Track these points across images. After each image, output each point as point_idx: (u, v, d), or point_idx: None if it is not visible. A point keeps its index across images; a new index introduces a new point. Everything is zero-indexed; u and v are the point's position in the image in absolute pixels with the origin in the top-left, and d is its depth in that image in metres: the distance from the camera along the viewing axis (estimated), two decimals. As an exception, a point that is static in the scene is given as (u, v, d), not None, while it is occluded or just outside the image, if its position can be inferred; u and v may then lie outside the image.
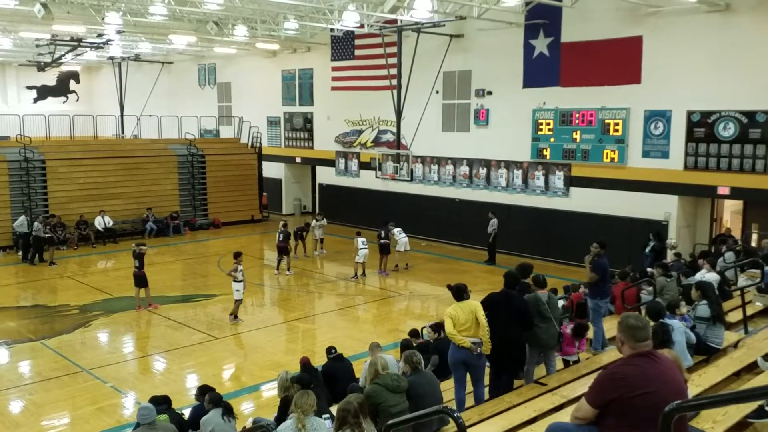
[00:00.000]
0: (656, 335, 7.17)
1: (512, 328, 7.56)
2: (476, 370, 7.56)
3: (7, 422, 10.10)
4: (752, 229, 17.29)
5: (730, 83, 16.30)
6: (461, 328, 7.35)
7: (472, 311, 7.36)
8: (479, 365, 7.51)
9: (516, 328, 7.63)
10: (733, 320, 9.46)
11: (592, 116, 18.98)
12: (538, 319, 7.87)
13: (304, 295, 17.59)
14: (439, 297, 16.99)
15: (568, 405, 6.65)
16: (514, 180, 21.28)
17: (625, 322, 4.19)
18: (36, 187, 23.03)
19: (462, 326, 7.34)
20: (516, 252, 20.76)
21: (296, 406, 6.15)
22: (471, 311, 7.36)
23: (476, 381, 7.64)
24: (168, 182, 26.22)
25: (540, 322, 7.88)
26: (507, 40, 20.57)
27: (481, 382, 7.65)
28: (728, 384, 7.11)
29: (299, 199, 31.03)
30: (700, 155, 17.06)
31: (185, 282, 18.36)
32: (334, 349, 9.54)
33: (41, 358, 12.67)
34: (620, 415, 4.01)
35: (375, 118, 25.69)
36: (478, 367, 7.53)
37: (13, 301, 17.02)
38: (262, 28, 24.04)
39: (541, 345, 8.04)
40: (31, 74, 34.72)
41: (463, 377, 7.57)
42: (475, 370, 7.54)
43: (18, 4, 19.18)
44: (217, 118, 33.15)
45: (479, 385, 7.63)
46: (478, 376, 7.61)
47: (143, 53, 32.58)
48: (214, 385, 9.25)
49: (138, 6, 20.98)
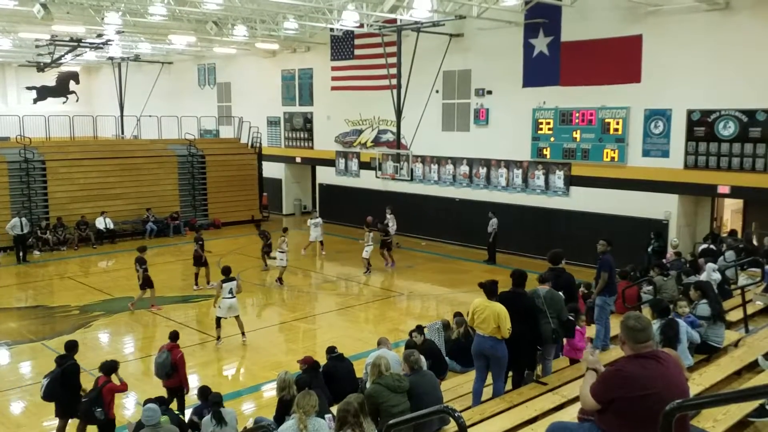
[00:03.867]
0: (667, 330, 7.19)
1: (521, 326, 7.63)
2: (496, 364, 7.63)
3: (8, 423, 10.10)
4: (753, 228, 17.29)
5: (730, 82, 16.29)
6: (479, 322, 7.57)
7: (495, 313, 7.47)
8: (499, 358, 7.57)
9: (523, 325, 7.71)
10: (733, 319, 9.47)
11: (592, 115, 18.98)
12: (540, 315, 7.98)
13: (305, 295, 17.59)
14: (439, 297, 17.00)
15: (569, 404, 6.65)
16: (514, 179, 21.28)
17: (625, 323, 4.19)
18: (36, 187, 23.04)
19: (481, 322, 7.55)
20: (516, 252, 20.78)
21: (298, 407, 6.15)
22: (494, 312, 7.47)
23: (496, 375, 7.72)
24: (168, 183, 26.23)
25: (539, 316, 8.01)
26: (507, 39, 20.57)
27: (500, 377, 7.73)
28: (729, 383, 7.11)
29: (299, 199, 31.03)
30: (701, 154, 17.06)
31: (185, 282, 18.35)
32: (334, 349, 9.55)
33: (42, 358, 12.64)
34: (622, 413, 4.01)
35: (375, 117, 25.69)
36: (498, 360, 7.59)
37: (14, 301, 17.02)
38: (261, 28, 24.03)
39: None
40: (30, 75, 34.70)
41: (482, 368, 7.72)
42: (495, 363, 7.63)
43: (17, 5, 19.19)
44: (216, 119, 33.15)
45: (498, 379, 7.72)
46: (498, 369, 7.69)
47: (143, 53, 32.58)
48: (215, 385, 9.26)
49: (137, 6, 20.97)
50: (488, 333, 7.48)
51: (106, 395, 8.47)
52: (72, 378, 8.79)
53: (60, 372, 8.74)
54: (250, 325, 14.53)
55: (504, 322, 7.40)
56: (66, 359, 8.88)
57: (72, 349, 9.05)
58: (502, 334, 7.42)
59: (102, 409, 8.37)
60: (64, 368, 8.76)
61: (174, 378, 9.62)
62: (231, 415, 7.91)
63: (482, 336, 7.56)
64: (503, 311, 7.46)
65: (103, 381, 8.56)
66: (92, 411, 8.38)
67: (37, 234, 22.17)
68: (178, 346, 9.87)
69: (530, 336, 7.86)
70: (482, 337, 7.57)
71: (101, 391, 8.44)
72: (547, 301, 8.00)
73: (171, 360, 9.54)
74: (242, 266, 20.20)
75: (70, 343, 9.16)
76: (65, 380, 8.72)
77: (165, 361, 9.55)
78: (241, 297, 17.35)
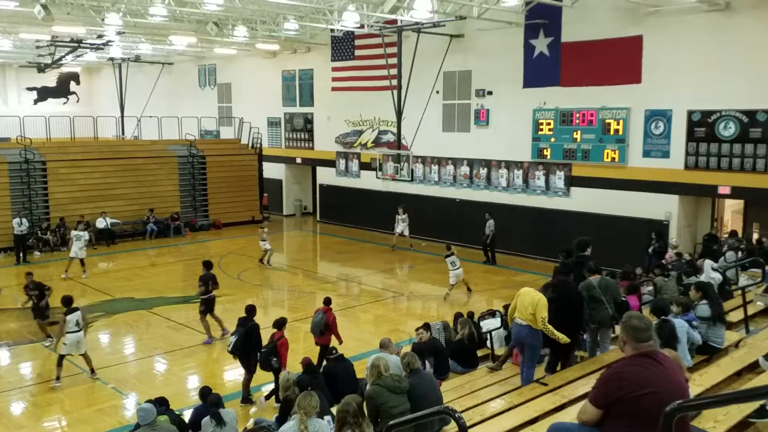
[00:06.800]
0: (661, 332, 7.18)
1: (564, 312, 8.08)
2: (529, 351, 8.00)
3: (9, 424, 10.10)
4: (753, 229, 17.28)
5: (731, 82, 16.29)
6: (520, 307, 8.00)
7: (534, 301, 7.86)
8: (534, 346, 7.98)
9: (567, 312, 8.13)
10: (734, 320, 9.45)
11: (592, 116, 18.97)
12: (592, 302, 8.44)
13: (305, 296, 17.58)
14: (440, 298, 16.98)
15: (570, 405, 6.65)
16: (515, 180, 21.27)
17: (628, 322, 4.19)
18: (36, 188, 23.05)
19: (523, 308, 7.95)
20: (517, 252, 20.79)
21: (299, 407, 6.16)
22: (533, 301, 7.87)
23: (528, 361, 8.04)
24: (168, 183, 26.23)
25: (593, 304, 8.45)
26: (507, 40, 20.57)
27: (532, 364, 8.05)
28: (730, 384, 7.10)
29: (300, 199, 31.04)
30: (701, 155, 17.06)
31: (186, 283, 18.35)
32: (335, 350, 9.56)
33: (42, 359, 12.67)
34: (622, 415, 4.00)
35: (375, 118, 25.69)
36: (533, 348, 7.98)
37: (14, 302, 17.01)
38: (262, 29, 24.05)
39: (596, 323, 8.61)
40: (31, 75, 34.70)
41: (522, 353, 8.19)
42: (528, 349, 8.00)
43: (18, 6, 19.19)
44: (217, 119, 33.16)
45: (529, 366, 8.03)
46: (530, 356, 8.03)
47: (143, 54, 32.61)
48: (215, 386, 9.27)
49: (138, 7, 20.98)
50: (525, 320, 7.87)
51: (280, 348, 10.03)
52: (254, 336, 10.43)
53: (244, 331, 10.37)
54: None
55: (540, 310, 7.75)
56: (248, 321, 10.54)
57: (251, 311, 10.75)
58: (536, 324, 7.77)
59: (277, 359, 9.95)
60: (248, 328, 10.42)
61: (326, 336, 11.13)
62: (230, 415, 7.92)
63: (519, 324, 7.97)
64: (542, 300, 7.82)
65: (278, 336, 10.17)
66: (269, 360, 9.97)
67: (37, 234, 22.18)
68: (331, 309, 11.35)
69: (571, 322, 8.23)
70: (519, 325, 7.98)
71: (276, 345, 10.04)
72: (602, 288, 8.42)
73: (325, 320, 11.06)
74: (243, 266, 20.24)
75: (249, 307, 10.87)
76: (248, 338, 10.37)
77: (320, 320, 11.09)
78: (242, 298, 17.47)
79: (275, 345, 10.04)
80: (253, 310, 10.87)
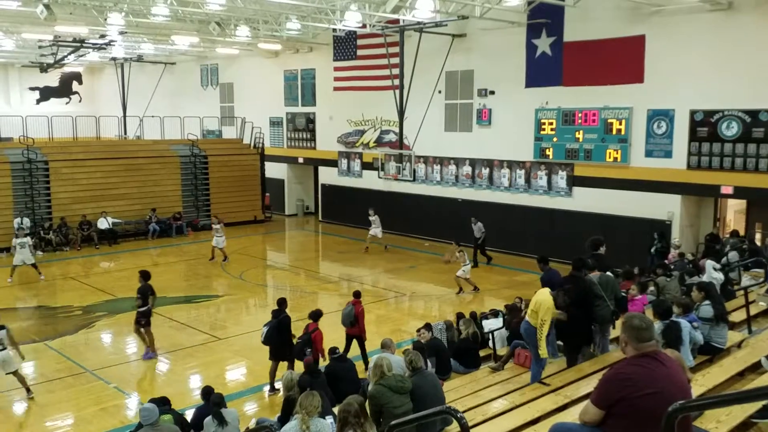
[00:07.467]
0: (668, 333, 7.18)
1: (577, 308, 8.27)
2: (530, 347, 8.31)
3: (11, 423, 10.12)
4: (756, 229, 17.25)
5: (733, 82, 16.26)
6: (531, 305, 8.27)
7: (537, 299, 8.06)
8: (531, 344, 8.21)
9: (580, 307, 8.31)
10: (736, 320, 9.44)
11: (594, 116, 18.95)
12: (594, 299, 8.54)
13: (307, 296, 17.58)
14: (442, 297, 16.99)
15: (572, 405, 6.64)
16: (517, 180, 21.26)
17: (629, 322, 4.17)
18: (39, 188, 23.08)
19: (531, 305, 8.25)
20: (517, 252, 20.76)
21: (301, 407, 6.15)
22: (537, 300, 8.06)
23: (533, 357, 8.27)
24: (171, 183, 26.26)
25: (596, 301, 8.55)
26: (509, 39, 20.56)
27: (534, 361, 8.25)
28: (732, 384, 7.08)
29: (302, 199, 31.05)
30: (704, 154, 17.03)
31: (188, 283, 18.38)
32: (337, 350, 9.56)
33: (44, 359, 12.68)
34: (624, 415, 3.99)
35: (377, 118, 25.69)
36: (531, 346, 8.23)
37: (16, 302, 17.05)
38: (264, 29, 24.05)
39: (598, 321, 8.71)
40: (33, 75, 34.76)
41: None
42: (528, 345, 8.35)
43: (21, 5, 19.22)
44: (219, 119, 33.17)
45: (533, 363, 8.26)
46: (532, 354, 8.24)
47: (146, 54, 32.62)
48: (217, 386, 9.27)
49: (140, 7, 21.00)
50: (528, 315, 8.16)
51: (315, 339, 10.36)
52: (285, 327, 10.80)
53: (277, 322, 10.73)
54: (253, 325, 14.49)
55: (541, 311, 7.87)
56: (280, 312, 10.91)
57: (283, 303, 11.11)
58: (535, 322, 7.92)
59: (311, 350, 10.22)
60: (280, 319, 10.76)
61: (356, 327, 11.49)
62: (233, 415, 7.93)
63: (526, 319, 8.27)
64: (547, 303, 7.94)
65: (313, 327, 10.52)
66: (303, 351, 10.21)
67: (40, 234, 22.22)
68: (360, 302, 11.71)
69: (585, 317, 8.42)
70: (525, 320, 8.27)
71: (311, 336, 10.38)
72: (602, 285, 8.53)
73: (354, 312, 11.41)
74: (245, 266, 20.26)
75: (280, 300, 11.25)
76: (281, 328, 10.73)
77: (350, 312, 11.47)
78: (244, 297, 17.52)
79: (310, 336, 10.39)
80: (284, 302, 11.19)
